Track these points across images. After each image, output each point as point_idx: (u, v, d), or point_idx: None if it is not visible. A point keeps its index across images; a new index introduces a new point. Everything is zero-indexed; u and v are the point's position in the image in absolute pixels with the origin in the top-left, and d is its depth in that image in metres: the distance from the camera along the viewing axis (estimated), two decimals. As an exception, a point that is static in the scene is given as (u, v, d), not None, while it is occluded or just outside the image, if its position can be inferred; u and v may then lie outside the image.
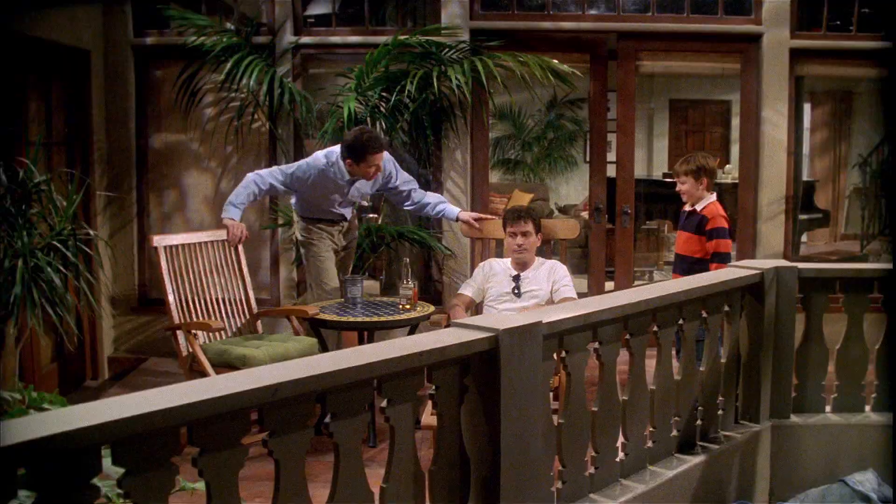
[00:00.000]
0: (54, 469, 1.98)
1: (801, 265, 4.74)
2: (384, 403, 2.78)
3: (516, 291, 5.37)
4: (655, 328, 3.99)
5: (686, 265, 5.52)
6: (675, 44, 7.66)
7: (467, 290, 5.54)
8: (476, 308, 5.55)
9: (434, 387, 2.97)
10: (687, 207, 5.67)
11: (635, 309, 3.78)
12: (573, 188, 13.30)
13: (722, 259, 5.37)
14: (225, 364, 5.23)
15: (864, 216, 10.45)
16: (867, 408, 4.87)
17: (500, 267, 5.53)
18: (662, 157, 13.43)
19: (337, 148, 5.76)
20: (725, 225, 5.51)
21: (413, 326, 5.65)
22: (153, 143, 7.59)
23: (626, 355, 3.87)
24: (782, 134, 7.50)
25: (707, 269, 5.27)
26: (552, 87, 7.28)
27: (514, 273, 5.45)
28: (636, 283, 8.16)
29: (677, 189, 5.63)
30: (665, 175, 11.48)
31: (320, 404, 2.61)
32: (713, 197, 5.57)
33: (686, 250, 5.59)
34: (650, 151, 13.42)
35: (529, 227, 5.40)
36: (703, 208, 5.51)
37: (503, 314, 3.24)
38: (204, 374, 5.21)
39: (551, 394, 4.62)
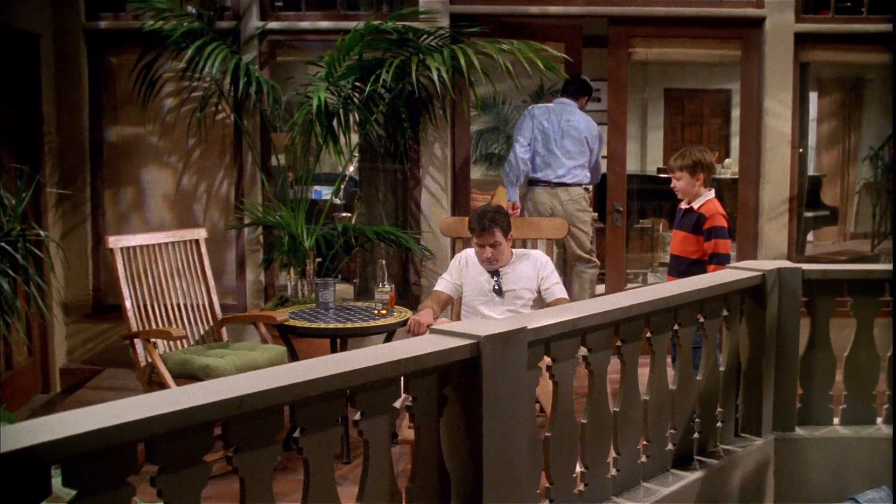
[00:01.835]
0: (-2, 491, 1.98)
1: (805, 266, 4.77)
2: (358, 416, 2.80)
3: (497, 289, 5.35)
4: (649, 334, 4.01)
5: (682, 267, 5.54)
6: (670, 29, 7.71)
7: (443, 286, 5.52)
8: (455, 308, 5.56)
9: (411, 398, 2.98)
10: (683, 205, 5.69)
11: (627, 313, 3.81)
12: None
13: (721, 260, 5.39)
14: (187, 375, 5.23)
15: (874, 213, 10.50)
16: (878, 420, 4.89)
17: (475, 267, 5.47)
18: (657, 151, 13.47)
19: None
20: (724, 224, 5.53)
21: (389, 333, 5.67)
22: (109, 136, 7.57)
23: (617, 363, 3.90)
24: (786, 125, 7.55)
25: (705, 271, 5.29)
26: (539, 77, 7.29)
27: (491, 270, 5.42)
28: (628, 285, 8.20)
29: (672, 186, 5.65)
30: (659, 170, 11.54)
31: (290, 417, 2.62)
32: (711, 194, 5.59)
33: (682, 251, 5.61)
34: (643, 145, 13.46)
35: (497, 235, 5.27)
36: (701, 206, 5.53)
37: (485, 320, 3.26)
38: (164, 385, 5.20)
39: (537, 405, 4.68)
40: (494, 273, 5.38)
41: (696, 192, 5.57)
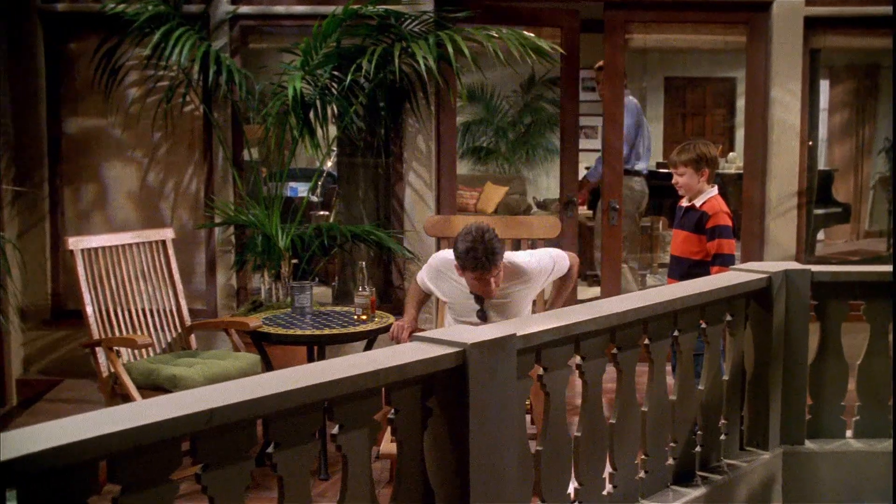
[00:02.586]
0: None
1: (814, 268, 4.80)
2: (336, 430, 2.81)
3: (481, 316, 5.09)
4: (647, 340, 4.04)
5: (684, 268, 5.56)
6: (670, 13, 7.74)
7: (424, 285, 5.36)
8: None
9: (393, 410, 3.00)
10: (683, 203, 5.71)
11: (623, 319, 3.83)
12: (554, 180, 13.34)
13: (725, 261, 5.41)
14: (153, 386, 5.24)
15: (891, 210, 10.56)
16: (894, 432, 4.90)
17: (455, 284, 5.14)
18: (656, 144, 13.46)
19: None
20: (729, 223, 5.55)
21: (370, 340, 5.69)
22: (68, 129, 7.56)
23: (613, 372, 3.92)
24: (795, 117, 7.56)
25: (708, 273, 5.31)
26: (530, 64, 7.31)
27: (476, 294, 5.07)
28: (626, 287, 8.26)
29: (674, 182, 5.67)
30: (659, 165, 11.55)
31: (263, 431, 2.64)
32: (714, 191, 5.61)
33: (683, 251, 5.63)
34: (643, 138, 13.52)
35: (498, 268, 4.84)
36: (703, 203, 5.55)
37: (472, 327, 3.28)
38: (128, 397, 5.21)
39: (528, 416, 4.70)
40: (479, 300, 5.09)
41: (698, 188, 5.58)
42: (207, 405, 2.42)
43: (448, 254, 5.15)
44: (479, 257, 4.72)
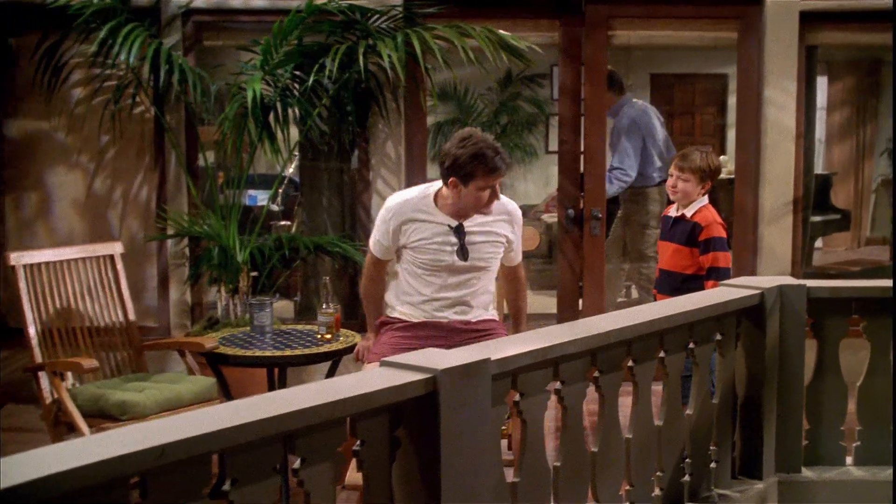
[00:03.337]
0: None
1: (810, 283, 4.80)
2: (297, 464, 2.82)
3: (461, 252, 4.96)
4: (631, 363, 4.06)
5: (675, 283, 5.56)
6: (656, 8, 7.75)
7: (381, 252, 5.19)
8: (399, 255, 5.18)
9: (359, 441, 3.01)
10: (672, 212, 5.72)
11: (606, 340, 3.84)
12: (533, 185, 13.38)
13: (720, 275, 5.41)
14: (100, 413, 5.23)
15: (894, 215, 10.62)
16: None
17: (425, 215, 5.01)
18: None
19: None
20: (724, 234, 5.57)
21: (335, 361, 5.70)
22: (8, 132, 7.54)
23: (595, 396, 3.94)
24: (790, 117, 7.60)
25: (701, 288, 5.31)
26: (506, 62, 7.32)
27: (454, 224, 4.98)
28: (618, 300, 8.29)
29: (671, 185, 5.66)
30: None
31: (218, 466, 2.64)
32: (705, 200, 5.63)
33: (674, 265, 5.65)
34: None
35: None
36: (695, 214, 5.56)
37: (443, 351, 3.27)
38: (73, 426, 5.20)
39: (504, 441, 4.71)
40: (457, 229, 4.98)
41: (693, 198, 5.61)
42: (158, 440, 2.42)
43: (406, 193, 5.18)
44: (491, 157, 4.74)
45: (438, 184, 4.99)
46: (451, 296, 5.00)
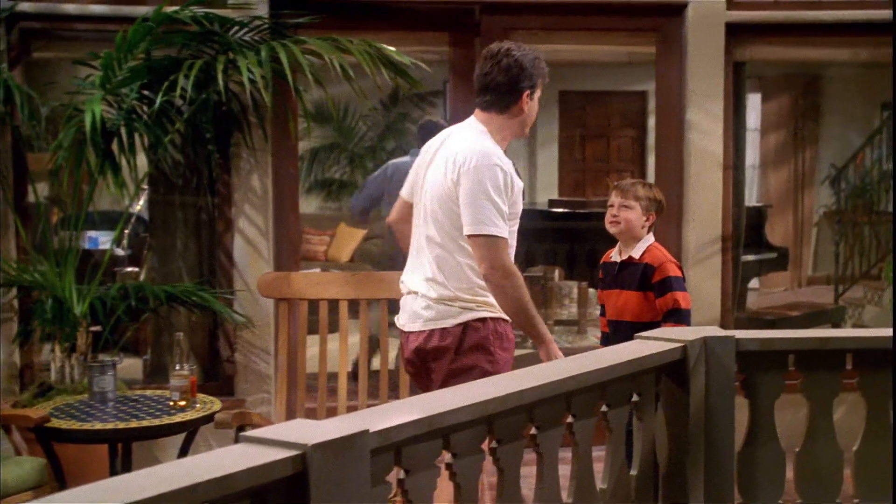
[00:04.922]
0: None
1: (739, 334, 4.82)
2: (142, 560, 2.80)
3: None
4: (534, 430, 4.08)
5: (630, 333, 5.55)
6: (562, 19, 7.85)
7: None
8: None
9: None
10: (614, 256, 5.81)
11: (503, 405, 3.86)
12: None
13: (682, 317, 5.49)
14: None
15: (837, 252, 10.79)
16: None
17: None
18: (550, 175, 13.56)
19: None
20: (679, 273, 5.64)
21: (190, 432, 5.65)
22: None
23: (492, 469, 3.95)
24: (716, 143, 7.73)
25: None
26: (389, 79, 7.38)
27: None
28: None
29: (612, 216, 5.71)
30: (552, 203, 11.52)
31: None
32: (651, 238, 5.74)
33: (631, 314, 5.69)
34: (531, 166, 13.60)
35: None
36: (643, 255, 5.64)
37: (312, 421, 3.26)
38: None
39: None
40: None
41: (637, 234, 5.70)
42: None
43: (488, 143, 4.98)
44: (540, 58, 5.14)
45: (482, 134, 4.99)
46: None
